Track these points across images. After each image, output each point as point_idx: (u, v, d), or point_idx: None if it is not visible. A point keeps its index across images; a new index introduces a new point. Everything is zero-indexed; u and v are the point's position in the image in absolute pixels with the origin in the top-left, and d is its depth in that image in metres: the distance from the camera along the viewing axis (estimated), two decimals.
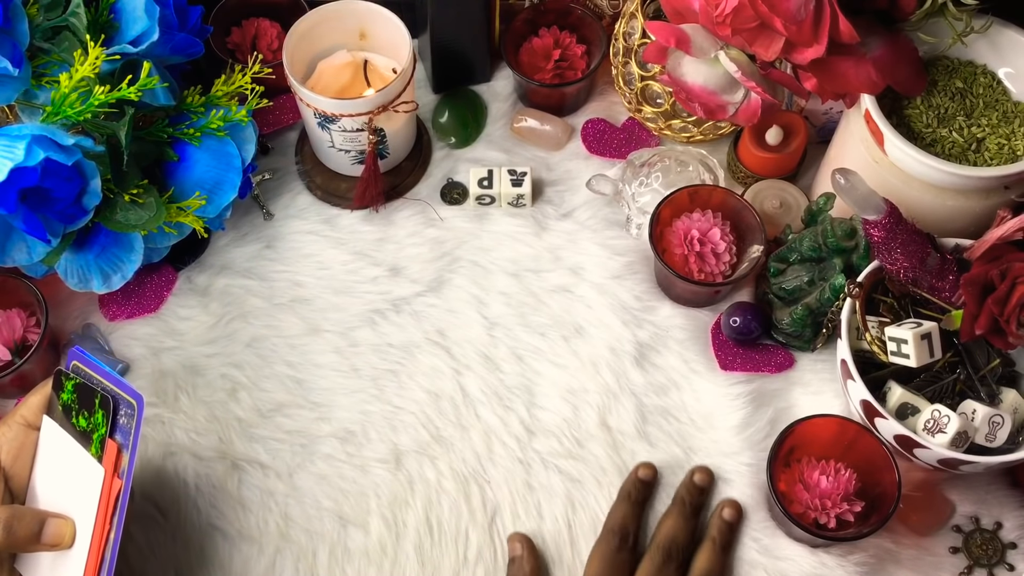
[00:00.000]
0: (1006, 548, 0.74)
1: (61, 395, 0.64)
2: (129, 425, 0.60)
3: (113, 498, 0.60)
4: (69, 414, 0.63)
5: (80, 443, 0.62)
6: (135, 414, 0.60)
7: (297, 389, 0.81)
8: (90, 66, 0.70)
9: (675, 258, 0.82)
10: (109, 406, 0.61)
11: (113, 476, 0.60)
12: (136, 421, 0.60)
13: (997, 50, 0.77)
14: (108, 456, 0.61)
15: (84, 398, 0.62)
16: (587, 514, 0.76)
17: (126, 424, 0.60)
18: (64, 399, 0.63)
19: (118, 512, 0.60)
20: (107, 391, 0.61)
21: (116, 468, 0.60)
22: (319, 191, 0.90)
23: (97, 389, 0.62)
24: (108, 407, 0.61)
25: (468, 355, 0.83)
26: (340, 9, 0.85)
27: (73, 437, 0.62)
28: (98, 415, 0.61)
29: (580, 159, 0.93)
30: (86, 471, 0.61)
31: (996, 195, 0.73)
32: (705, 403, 0.81)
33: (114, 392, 0.61)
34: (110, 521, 0.60)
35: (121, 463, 0.60)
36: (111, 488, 0.60)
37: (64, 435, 0.63)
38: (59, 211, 0.72)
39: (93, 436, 0.61)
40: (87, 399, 0.62)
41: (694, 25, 0.72)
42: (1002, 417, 0.70)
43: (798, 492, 0.73)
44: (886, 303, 0.76)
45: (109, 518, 0.60)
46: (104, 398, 0.61)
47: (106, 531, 0.60)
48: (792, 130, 0.87)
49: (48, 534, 0.60)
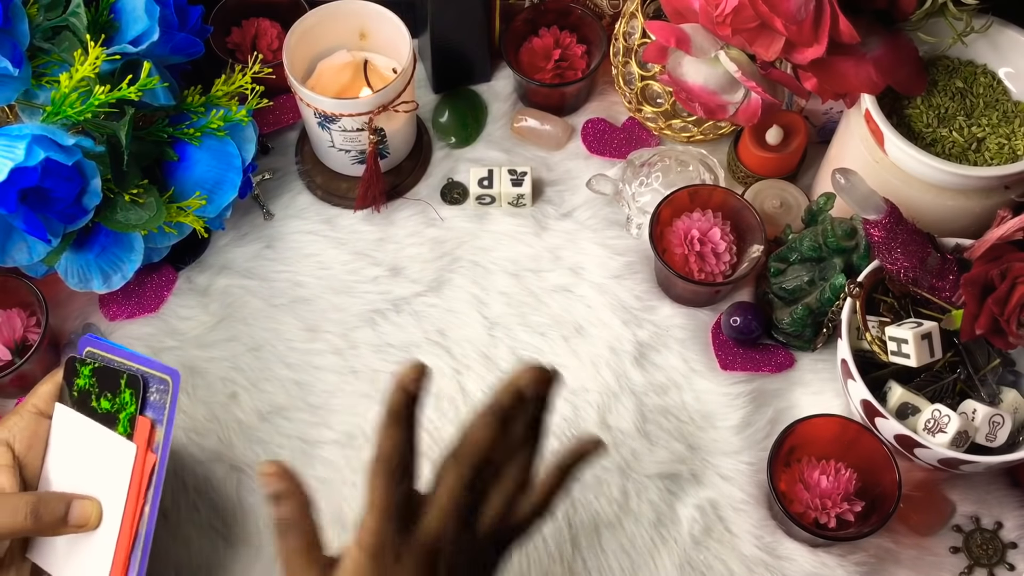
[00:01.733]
0: (1006, 548, 0.74)
1: (76, 381, 0.65)
2: (163, 401, 0.61)
3: (148, 472, 0.61)
4: (87, 398, 0.64)
5: (103, 424, 0.63)
6: (169, 389, 0.61)
7: (297, 391, 0.81)
8: (90, 66, 0.70)
9: (675, 258, 0.82)
10: (138, 385, 0.62)
11: (147, 451, 0.61)
12: (172, 396, 0.61)
13: (997, 50, 0.77)
14: (140, 433, 0.62)
15: (106, 381, 0.63)
16: (587, 513, 0.76)
17: (159, 400, 0.62)
18: (81, 384, 0.64)
19: (153, 486, 0.61)
20: (134, 371, 0.62)
21: (150, 443, 0.62)
22: (319, 191, 0.90)
23: (122, 371, 0.63)
24: (137, 386, 0.62)
25: (468, 355, 0.83)
26: (340, 9, 0.85)
27: (94, 420, 0.63)
28: (125, 395, 0.62)
29: (580, 159, 0.93)
30: (113, 450, 0.62)
31: (996, 195, 0.73)
32: (705, 403, 0.81)
33: (143, 372, 0.62)
34: (144, 495, 0.61)
35: (155, 438, 0.62)
36: (144, 463, 0.61)
37: (82, 419, 0.64)
38: (59, 211, 0.72)
39: (120, 416, 0.62)
40: (110, 381, 0.63)
41: (694, 25, 0.72)
42: (1002, 417, 0.70)
43: (798, 492, 0.73)
44: (886, 303, 0.76)
45: (144, 492, 0.61)
46: (132, 378, 0.62)
47: (140, 505, 0.61)
48: (792, 130, 0.87)
49: (74, 515, 0.61)
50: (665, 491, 0.77)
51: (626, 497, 0.77)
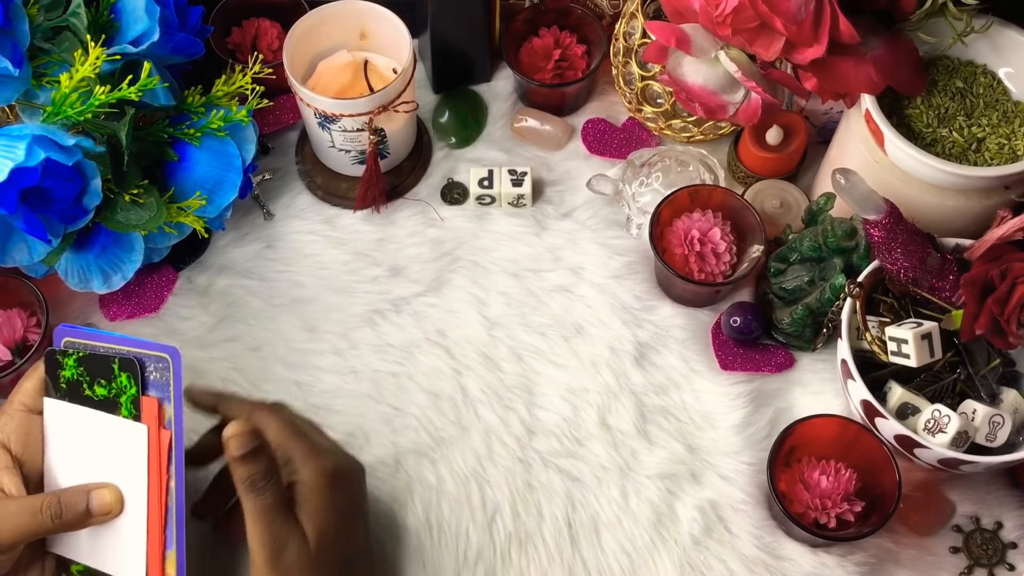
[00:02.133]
0: (1006, 548, 0.74)
1: (61, 373, 0.64)
2: (165, 378, 0.61)
3: (166, 449, 0.61)
4: (78, 388, 0.63)
5: (104, 411, 0.62)
6: (170, 366, 0.60)
7: (297, 391, 0.81)
8: (90, 66, 0.70)
9: (675, 258, 0.82)
10: (134, 367, 0.61)
11: (159, 429, 0.61)
12: (174, 372, 0.60)
13: (997, 50, 0.77)
14: (148, 412, 0.61)
15: (96, 368, 0.63)
16: (587, 513, 0.76)
17: (160, 378, 0.61)
18: (68, 375, 0.63)
19: (174, 461, 0.60)
20: (126, 355, 0.62)
21: (161, 421, 0.61)
22: (319, 191, 0.90)
23: (112, 355, 0.62)
24: (133, 368, 0.61)
25: (468, 355, 0.83)
26: (340, 9, 0.85)
27: (93, 407, 0.63)
28: (121, 378, 0.62)
29: (580, 159, 0.93)
30: (122, 434, 0.62)
31: (996, 195, 0.73)
32: (705, 403, 0.81)
33: (137, 353, 0.62)
34: (167, 471, 0.60)
35: (165, 415, 0.61)
36: (160, 440, 0.61)
37: (78, 409, 0.63)
38: (59, 211, 0.72)
39: (120, 399, 0.62)
40: (101, 367, 0.62)
41: (694, 25, 0.72)
42: (1002, 417, 0.70)
43: (798, 492, 0.73)
44: (886, 303, 0.76)
45: (166, 468, 0.60)
46: (126, 361, 0.61)
47: (164, 481, 0.60)
48: (792, 130, 0.87)
49: (95, 505, 0.60)
50: (665, 491, 0.77)
51: (626, 497, 0.77)
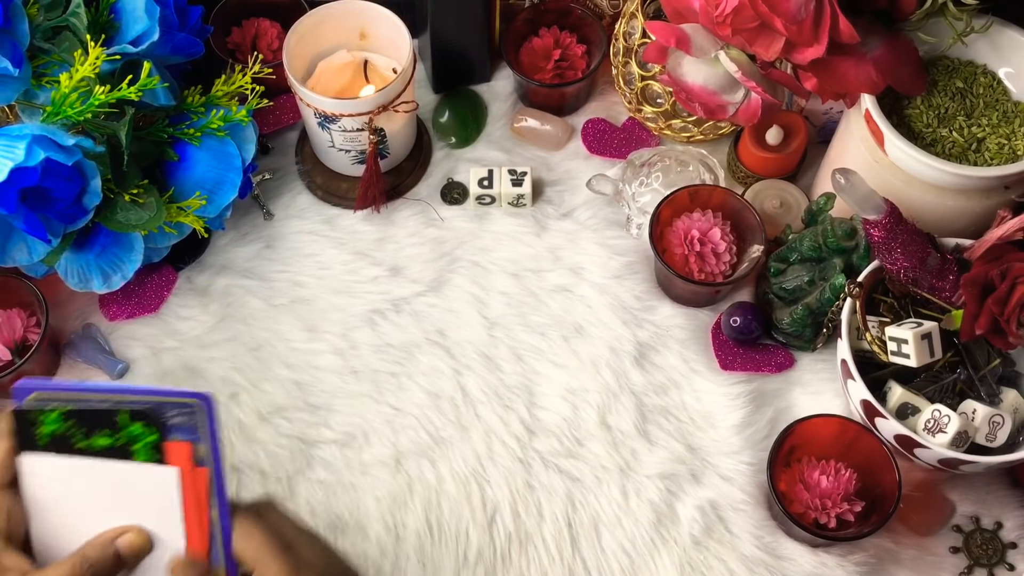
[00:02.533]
0: (1006, 548, 0.74)
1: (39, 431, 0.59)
2: (192, 421, 0.59)
3: (204, 486, 0.59)
4: (66, 442, 0.60)
5: (110, 458, 0.60)
6: (193, 411, 0.58)
7: (297, 391, 0.81)
8: (90, 66, 0.70)
9: (675, 258, 0.82)
10: (149, 415, 0.59)
11: (191, 468, 0.59)
12: (208, 416, 0.58)
13: (997, 50, 0.77)
14: (176, 455, 0.59)
15: (92, 421, 0.60)
16: (587, 513, 0.76)
17: (186, 422, 0.59)
18: (50, 431, 0.59)
19: (214, 495, 0.59)
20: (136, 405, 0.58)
21: (192, 460, 0.60)
22: (319, 191, 0.90)
23: (114, 409, 0.59)
24: (148, 416, 0.59)
25: (468, 355, 0.83)
26: (340, 9, 0.85)
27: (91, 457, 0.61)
28: (133, 428, 0.60)
29: (580, 159, 0.93)
30: (141, 478, 0.60)
31: (996, 195, 0.73)
32: (705, 403, 0.81)
33: (156, 402, 0.58)
34: (207, 505, 0.59)
35: (198, 454, 0.60)
36: (195, 480, 0.59)
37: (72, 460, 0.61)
38: (59, 211, 0.72)
39: (133, 447, 0.60)
40: (98, 420, 0.60)
41: (694, 25, 0.72)
42: (1002, 417, 0.70)
43: (798, 492, 0.73)
44: (886, 303, 0.76)
45: (206, 505, 0.59)
46: (135, 412, 0.59)
47: (205, 516, 0.59)
48: (792, 130, 0.87)
49: (125, 548, 0.58)
50: (665, 491, 0.77)
51: (626, 497, 0.77)
